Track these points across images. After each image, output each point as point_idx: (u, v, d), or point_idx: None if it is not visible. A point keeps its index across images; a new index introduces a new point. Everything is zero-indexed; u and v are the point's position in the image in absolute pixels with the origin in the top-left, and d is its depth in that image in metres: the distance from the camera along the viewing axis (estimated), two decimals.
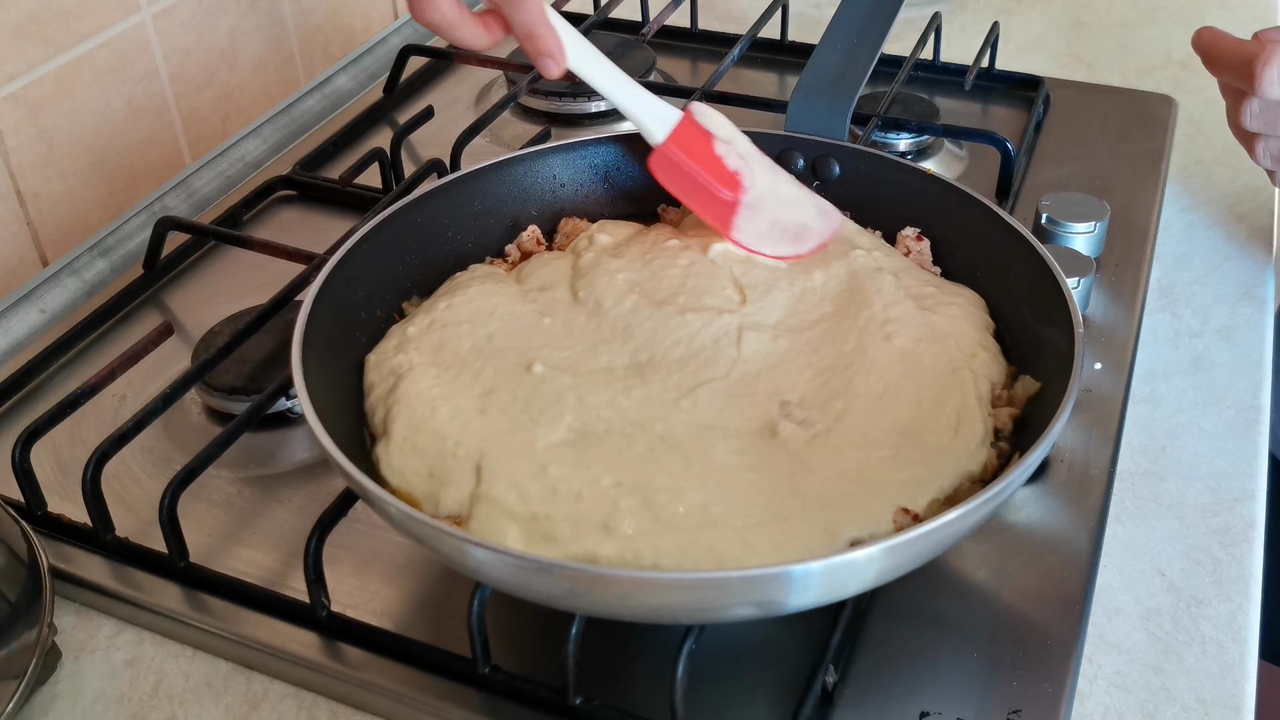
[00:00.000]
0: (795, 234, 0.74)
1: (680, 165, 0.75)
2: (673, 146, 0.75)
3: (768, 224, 0.74)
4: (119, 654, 0.65)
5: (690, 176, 0.75)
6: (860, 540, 0.56)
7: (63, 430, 0.73)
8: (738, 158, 0.75)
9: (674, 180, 0.75)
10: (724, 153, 0.75)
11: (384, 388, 0.66)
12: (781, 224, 0.74)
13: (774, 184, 0.75)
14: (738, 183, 0.74)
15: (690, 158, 0.75)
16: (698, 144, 0.75)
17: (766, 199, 0.74)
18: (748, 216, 0.74)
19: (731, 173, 0.74)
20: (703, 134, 0.75)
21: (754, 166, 0.75)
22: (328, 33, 1.22)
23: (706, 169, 0.74)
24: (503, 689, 0.60)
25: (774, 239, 0.74)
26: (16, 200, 0.93)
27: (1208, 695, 0.61)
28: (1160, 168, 0.98)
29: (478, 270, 0.75)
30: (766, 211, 0.74)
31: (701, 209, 0.74)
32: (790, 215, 0.74)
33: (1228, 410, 0.77)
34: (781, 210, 0.74)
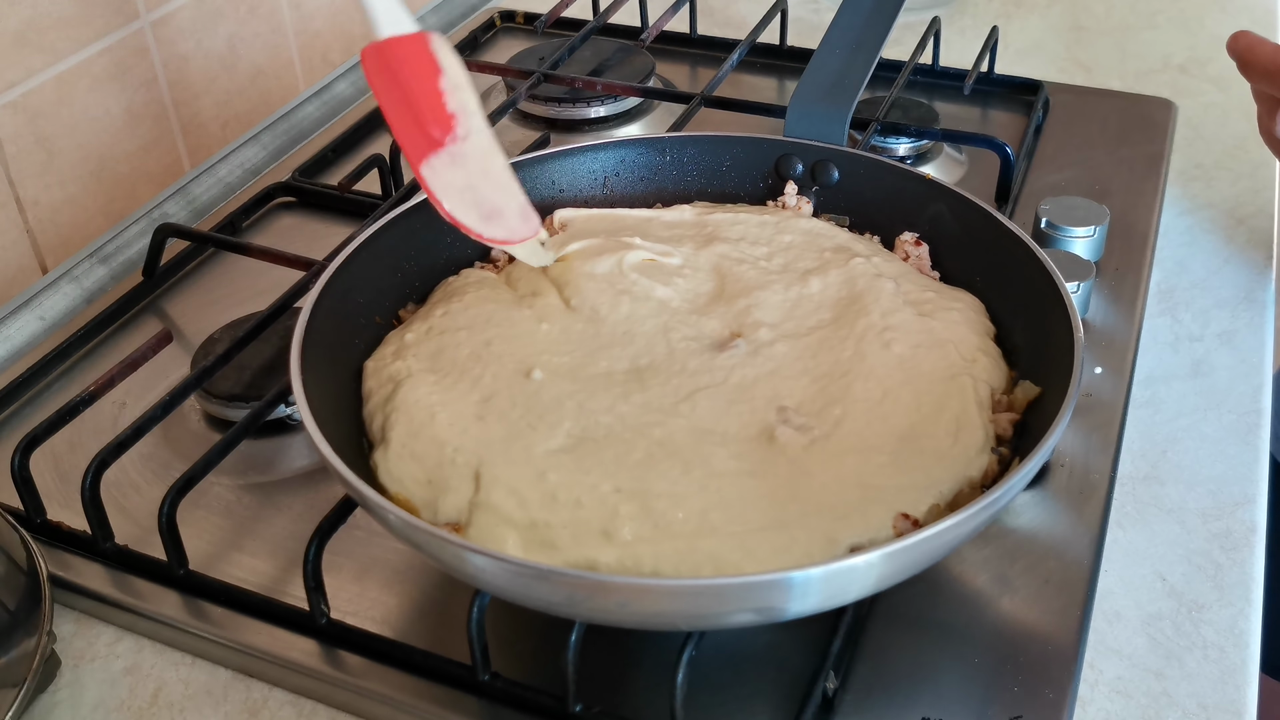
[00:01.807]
0: (487, 214, 0.69)
1: (396, 74, 0.68)
2: (394, 49, 0.68)
3: (464, 184, 0.68)
4: (118, 662, 0.65)
5: (403, 90, 0.68)
6: (860, 546, 0.56)
7: (62, 438, 0.73)
8: (459, 105, 0.68)
9: (384, 86, 0.68)
10: (446, 91, 0.68)
11: (382, 395, 0.66)
12: (478, 194, 0.68)
13: (489, 155, 0.69)
14: (450, 125, 0.68)
15: (410, 75, 0.68)
16: (421, 67, 0.68)
17: (474, 160, 0.68)
18: (446, 163, 0.68)
19: (447, 113, 0.68)
20: (431, 62, 0.68)
21: (473, 125, 0.68)
22: (327, 39, 1.22)
23: (421, 95, 0.68)
24: (502, 696, 0.60)
25: (464, 204, 0.68)
26: (16, 208, 0.93)
27: (1209, 700, 0.61)
28: (1160, 172, 0.98)
29: (471, 276, 0.75)
30: (468, 172, 0.68)
31: (402, 131, 0.68)
32: (491, 193, 0.69)
33: (1228, 414, 0.77)
34: (484, 182, 0.69)
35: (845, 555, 0.53)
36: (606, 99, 1.09)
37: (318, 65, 1.21)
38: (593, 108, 1.09)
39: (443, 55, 0.68)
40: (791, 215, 0.78)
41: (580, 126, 1.09)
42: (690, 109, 1.01)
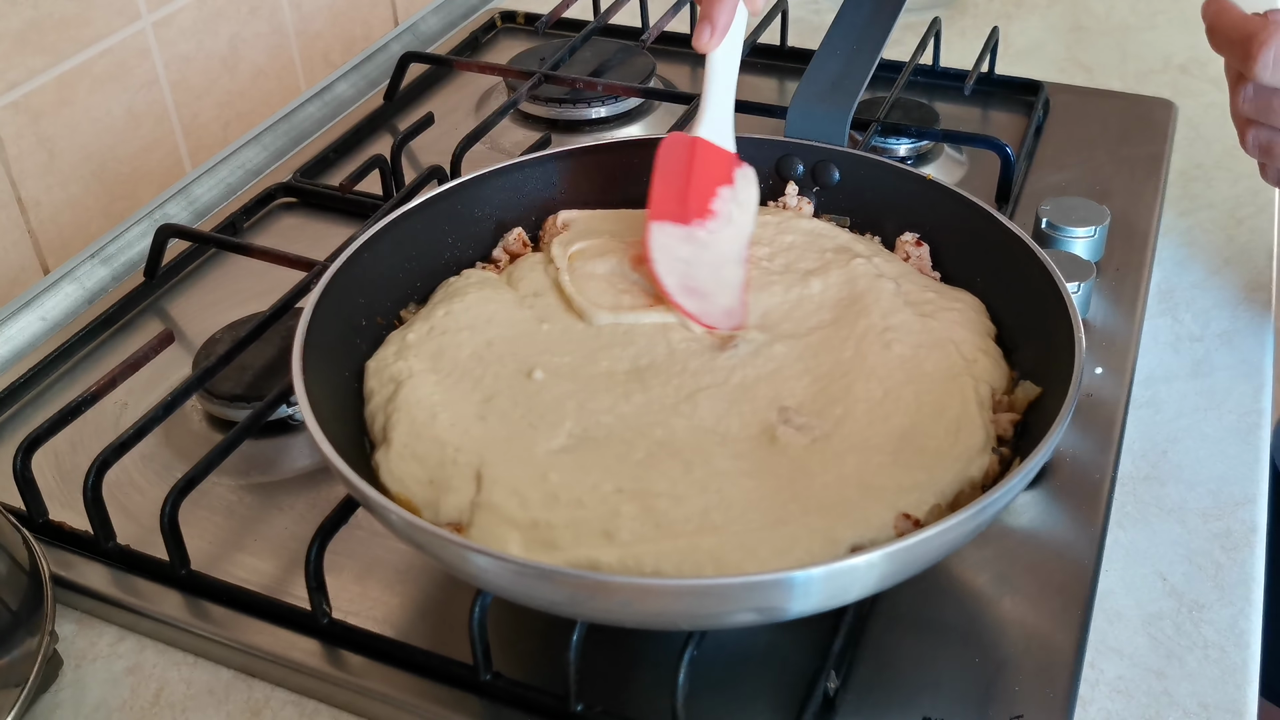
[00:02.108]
0: (692, 290, 0.70)
1: (687, 162, 0.73)
2: (700, 146, 0.74)
3: (684, 260, 0.71)
4: (120, 662, 0.65)
5: (683, 174, 0.73)
6: (861, 546, 0.56)
7: (64, 438, 0.73)
8: (726, 213, 0.73)
9: (668, 162, 0.74)
10: (723, 198, 0.73)
11: (384, 395, 0.66)
12: (694, 271, 0.71)
13: (728, 264, 0.72)
14: (705, 216, 0.73)
15: (700, 167, 0.73)
16: (716, 169, 0.74)
17: (709, 252, 0.72)
18: (680, 236, 0.72)
19: (710, 209, 0.73)
20: (726, 175, 0.74)
21: (728, 234, 0.73)
22: (328, 40, 1.22)
23: (698, 184, 0.73)
24: (504, 696, 0.60)
25: (674, 273, 0.71)
26: (17, 208, 0.93)
27: (1210, 700, 0.61)
28: (1160, 172, 0.98)
29: (472, 276, 0.75)
30: (696, 252, 0.72)
31: (658, 198, 0.73)
32: (708, 277, 0.71)
33: (1229, 415, 0.77)
34: (707, 267, 0.72)
35: (846, 555, 0.53)
36: (607, 100, 1.09)
37: (319, 66, 1.21)
38: (594, 108, 1.09)
39: (742, 181, 0.74)
40: (793, 215, 0.78)
41: (581, 127, 1.09)
42: (691, 109, 1.01)
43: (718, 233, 0.72)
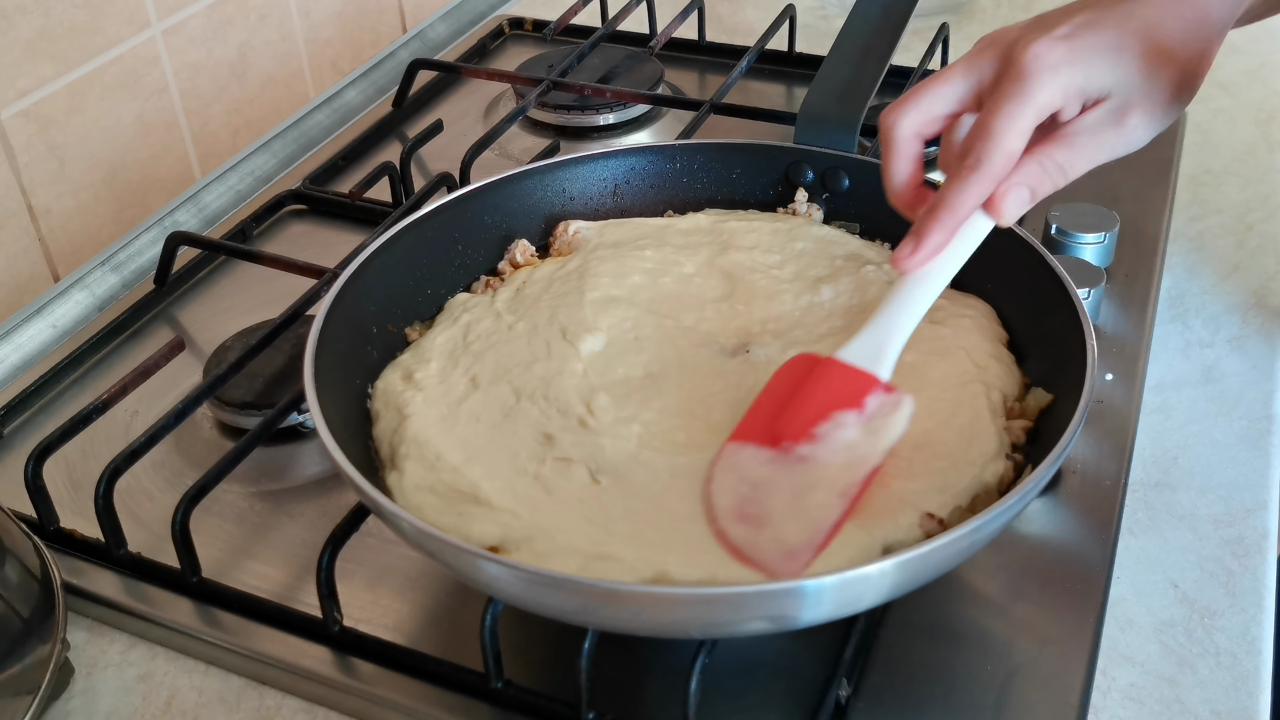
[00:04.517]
0: (749, 517, 0.58)
1: (800, 380, 0.63)
2: (824, 366, 0.64)
3: (754, 482, 0.59)
4: (132, 669, 0.65)
5: (790, 387, 0.63)
6: (891, 546, 0.56)
7: (75, 446, 0.73)
8: (840, 439, 0.60)
9: (782, 377, 0.64)
10: (837, 420, 0.61)
11: (390, 423, 0.65)
12: (763, 497, 0.59)
13: (816, 489, 0.58)
14: (800, 437, 0.60)
15: (814, 385, 0.63)
16: (838, 390, 0.62)
17: (792, 477, 0.59)
18: (757, 460, 0.60)
19: (812, 431, 0.60)
20: (853, 398, 0.61)
21: (823, 457, 0.60)
22: (337, 47, 1.22)
23: (805, 403, 0.62)
24: (515, 704, 0.60)
25: (734, 494, 0.59)
26: (28, 216, 0.93)
27: (1222, 707, 0.61)
28: (1169, 177, 0.98)
29: (477, 302, 0.74)
30: (774, 477, 0.60)
31: (749, 418, 0.63)
32: (782, 504, 0.58)
33: (1239, 421, 0.77)
34: (786, 492, 0.59)
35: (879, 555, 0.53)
36: (615, 106, 1.09)
37: (328, 73, 1.22)
38: (601, 115, 1.09)
39: (881, 408, 0.61)
40: (804, 223, 0.78)
41: (589, 134, 1.09)
42: (699, 116, 1.01)
43: (821, 458, 0.60)
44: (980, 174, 0.59)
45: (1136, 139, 0.62)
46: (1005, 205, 0.60)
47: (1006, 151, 0.59)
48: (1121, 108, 0.60)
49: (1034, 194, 0.60)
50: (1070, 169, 0.61)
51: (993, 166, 0.59)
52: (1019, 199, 0.60)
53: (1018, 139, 0.59)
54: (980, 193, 0.60)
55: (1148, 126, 0.61)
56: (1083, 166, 0.61)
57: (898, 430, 0.60)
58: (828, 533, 0.56)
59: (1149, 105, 0.61)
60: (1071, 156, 0.60)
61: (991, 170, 0.59)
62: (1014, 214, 0.61)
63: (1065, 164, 0.60)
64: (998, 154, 0.59)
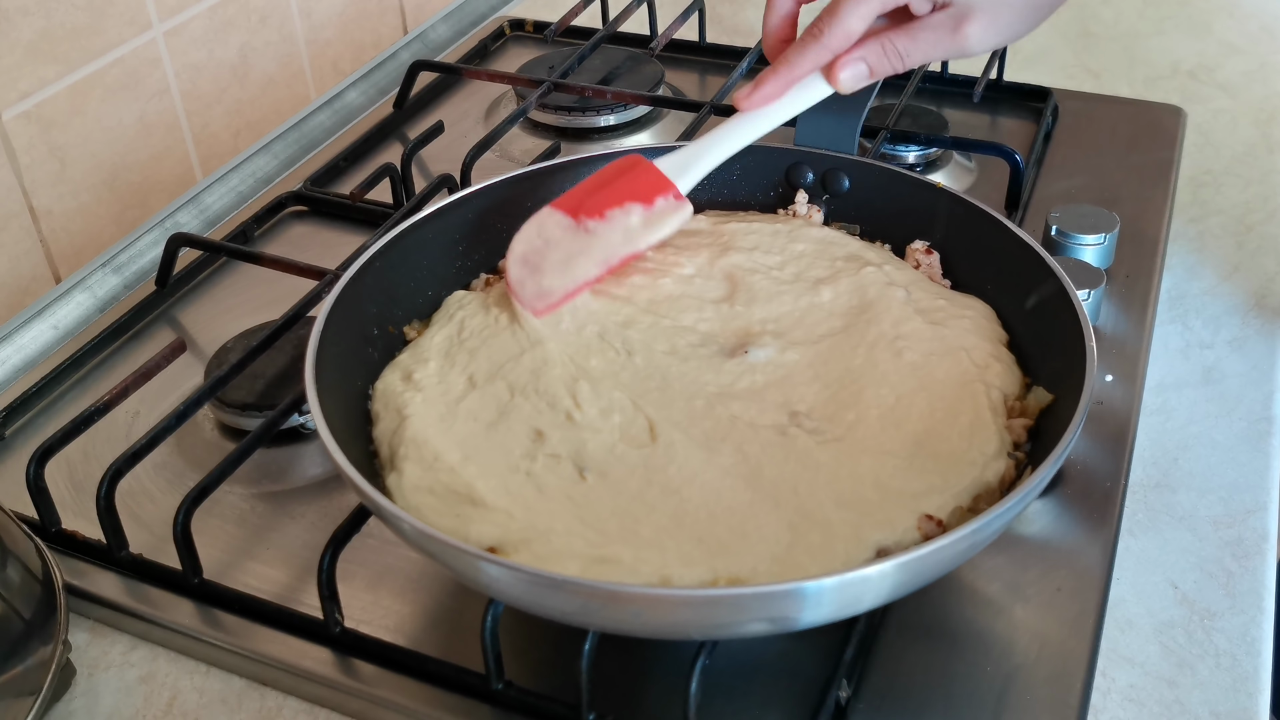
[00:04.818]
0: (528, 263, 0.71)
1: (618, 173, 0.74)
2: (639, 165, 0.74)
3: (548, 240, 0.71)
4: (133, 670, 0.66)
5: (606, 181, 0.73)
6: (887, 548, 0.56)
7: (76, 447, 0.73)
8: (623, 222, 0.72)
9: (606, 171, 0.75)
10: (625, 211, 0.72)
11: (390, 424, 0.65)
12: (547, 251, 0.71)
13: (591, 249, 0.71)
14: (593, 214, 0.72)
15: (621, 178, 0.73)
16: (638, 186, 0.73)
17: (578, 242, 0.71)
18: (559, 224, 0.72)
19: (603, 213, 0.72)
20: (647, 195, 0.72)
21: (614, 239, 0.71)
22: (338, 48, 1.23)
23: (609, 190, 0.72)
24: (516, 705, 0.60)
25: (527, 243, 0.71)
26: (29, 217, 0.93)
27: (1221, 708, 0.61)
28: (1169, 178, 0.98)
29: (465, 298, 0.74)
30: (563, 239, 0.71)
31: (570, 193, 0.73)
32: (555, 259, 0.71)
33: (1239, 422, 0.77)
34: (562, 252, 0.71)
35: (872, 557, 0.53)
36: (616, 107, 1.09)
37: (329, 74, 1.22)
38: (602, 116, 1.09)
39: (665, 211, 0.72)
40: (803, 224, 0.78)
41: (590, 135, 1.09)
42: (700, 117, 1.01)
43: (601, 234, 0.71)
44: (819, 44, 0.70)
45: (970, 46, 0.69)
46: (842, 74, 0.71)
47: (845, 30, 0.69)
48: (961, 15, 0.68)
49: (871, 70, 0.70)
50: (907, 57, 0.70)
51: (831, 39, 0.69)
52: (856, 71, 0.71)
53: (858, 22, 0.69)
54: (815, 59, 0.70)
55: (984, 37, 0.69)
56: (918, 57, 0.70)
57: (668, 229, 0.72)
58: (577, 288, 0.71)
59: (989, 19, 0.68)
60: (910, 46, 0.69)
61: (829, 43, 0.70)
62: (849, 83, 0.71)
63: (903, 51, 0.70)
64: (837, 30, 0.69)
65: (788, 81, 0.71)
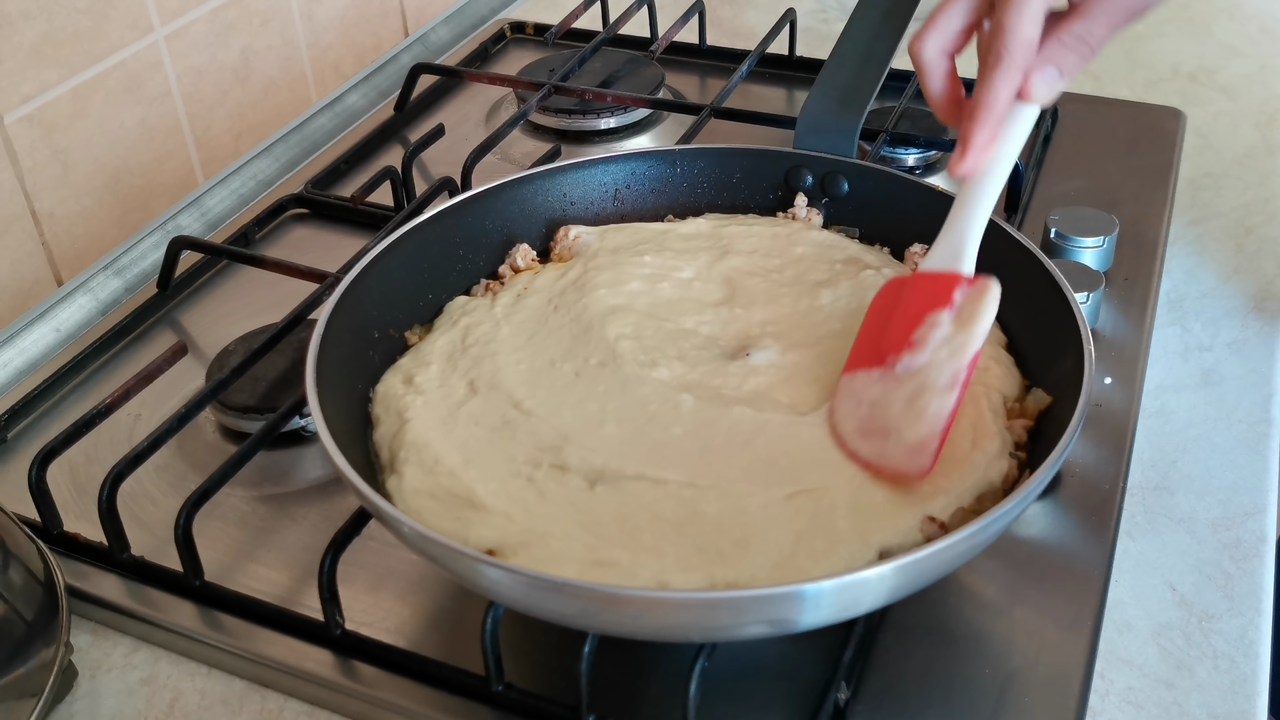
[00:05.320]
0: (872, 432, 0.62)
1: (896, 299, 0.67)
2: (912, 282, 0.67)
3: (870, 402, 0.63)
4: (135, 672, 0.66)
5: (886, 312, 0.66)
6: (889, 550, 0.57)
7: (78, 449, 0.74)
8: (937, 338, 0.62)
9: (877, 305, 0.68)
10: (930, 321, 0.63)
11: (390, 427, 0.66)
12: (880, 411, 0.62)
13: (934, 393, 0.61)
14: (901, 348, 0.63)
15: (905, 301, 0.66)
16: (927, 296, 0.64)
17: (906, 383, 0.62)
18: (867, 381, 0.64)
19: (909, 340, 0.63)
20: (942, 298, 0.64)
21: (933, 359, 0.62)
22: (339, 51, 1.23)
23: (900, 318, 0.65)
24: (516, 707, 0.60)
25: (854, 417, 0.63)
26: (31, 220, 0.94)
27: (1220, 710, 0.61)
28: (1169, 181, 0.98)
29: (469, 304, 0.75)
30: (887, 391, 0.63)
31: (860, 340, 0.67)
32: (898, 413, 0.61)
33: (1238, 424, 0.77)
34: (900, 402, 0.62)
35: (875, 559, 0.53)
36: (616, 110, 1.09)
37: (330, 77, 1.22)
38: (603, 119, 1.09)
39: (969, 298, 0.64)
40: (803, 227, 0.79)
41: (590, 138, 1.10)
42: (700, 120, 1.01)
43: (923, 362, 0.62)
44: (1004, 67, 0.61)
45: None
46: (1036, 86, 0.62)
47: (1023, 39, 0.61)
48: None
49: (1061, 70, 0.62)
50: (1090, 37, 0.62)
51: (1014, 56, 0.61)
52: (1047, 78, 0.62)
53: (1031, 26, 0.60)
54: (1010, 84, 0.61)
55: None
56: (1101, 33, 0.62)
57: (987, 312, 0.62)
58: (946, 422, 0.60)
59: None
60: (1088, 25, 0.62)
61: (1014, 60, 0.61)
62: (1046, 93, 0.62)
63: (1084, 34, 0.61)
64: (1015, 43, 0.61)
65: (994, 122, 0.62)
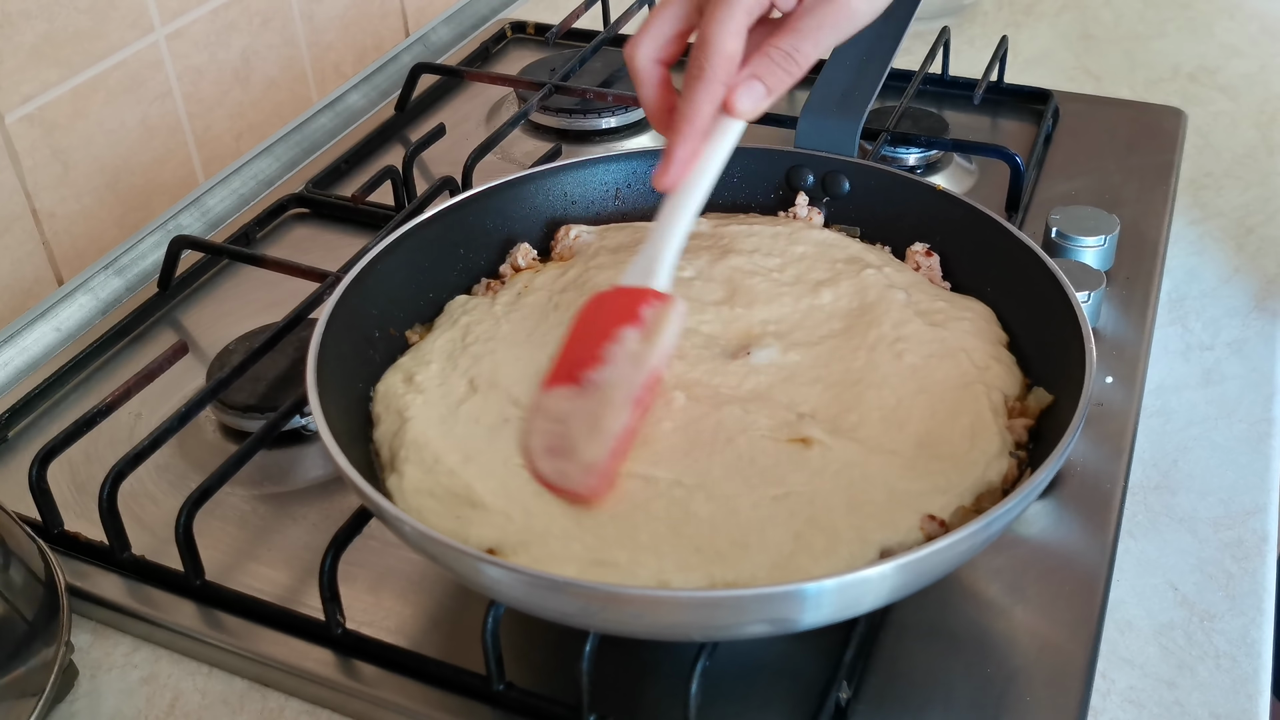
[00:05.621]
0: (555, 450, 0.60)
1: (594, 317, 0.65)
2: (606, 298, 0.65)
3: (560, 418, 0.61)
4: (135, 672, 0.66)
5: (586, 331, 0.64)
6: (890, 549, 0.57)
7: (79, 449, 0.74)
8: (623, 354, 0.62)
9: (580, 323, 0.65)
10: (619, 337, 0.62)
11: (391, 426, 0.66)
12: (567, 429, 0.60)
13: (610, 411, 0.60)
14: (590, 364, 0.62)
15: (597, 316, 0.64)
16: (617, 312, 0.64)
17: (588, 404, 0.61)
18: (560, 397, 0.62)
19: (597, 355, 0.62)
20: (631, 314, 0.63)
21: (615, 377, 0.61)
22: (339, 51, 1.23)
23: (592, 334, 0.63)
24: (517, 706, 0.60)
25: (543, 434, 0.61)
26: (32, 219, 0.94)
27: (1221, 710, 0.61)
28: (1170, 180, 0.98)
29: (469, 303, 0.75)
30: (575, 408, 0.61)
31: (556, 365, 0.64)
32: (580, 431, 0.60)
33: (1239, 424, 0.77)
34: (583, 418, 0.60)
35: (876, 558, 0.53)
36: (617, 110, 1.09)
37: (330, 77, 1.22)
38: (604, 119, 1.09)
39: (657, 317, 0.63)
40: (803, 226, 0.78)
41: (591, 138, 1.10)
42: None
43: (610, 379, 0.61)
44: (705, 80, 0.61)
45: (860, 11, 0.62)
46: (739, 101, 0.61)
47: (725, 53, 0.60)
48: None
49: (767, 86, 0.61)
50: (798, 54, 0.61)
51: (715, 70, 0.60)
52: (751, 92, 0.61)
53: (732, 40, 0.60)
54: (710, 97, 0.61)
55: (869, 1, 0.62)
56: (810, 50, 0.61)
57: (672, 331, 0.62)
58: (621, 441, 0.59)
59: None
60: (796, 41, 0.61)
61: (715, 74, 0.61)
62: (749, 108, 0.61)
63: (791, 50, 0.61)
64: (716, 57, 0.60)
65: (695, 136, 0.62)
